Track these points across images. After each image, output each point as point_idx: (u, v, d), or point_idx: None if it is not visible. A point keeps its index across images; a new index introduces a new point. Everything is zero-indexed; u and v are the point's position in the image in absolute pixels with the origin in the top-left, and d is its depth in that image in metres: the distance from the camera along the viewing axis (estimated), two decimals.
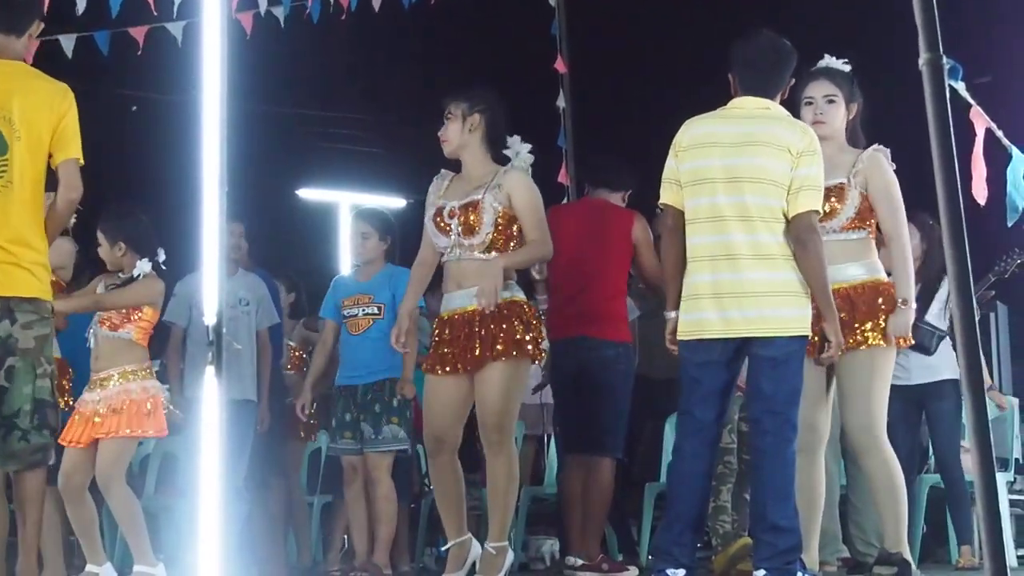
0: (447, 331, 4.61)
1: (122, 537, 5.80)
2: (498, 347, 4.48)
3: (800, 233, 4.07)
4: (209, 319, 2.56)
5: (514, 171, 4.64)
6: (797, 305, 4.08)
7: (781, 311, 4.05)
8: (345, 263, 10.36)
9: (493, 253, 4.56)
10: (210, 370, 2.54)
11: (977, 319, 7.08)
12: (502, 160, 4.75)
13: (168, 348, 6.02)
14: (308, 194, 12.89)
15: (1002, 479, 6.27)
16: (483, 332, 4.50)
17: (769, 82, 4.24)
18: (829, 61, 4.65)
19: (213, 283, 2.62)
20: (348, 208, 11.69)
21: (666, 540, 4.18)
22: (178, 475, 6.63)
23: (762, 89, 4.23)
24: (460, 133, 4.69)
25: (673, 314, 4.24)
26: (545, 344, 4.72)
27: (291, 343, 6.78)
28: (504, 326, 4.50)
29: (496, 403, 4.52)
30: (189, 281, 5.74)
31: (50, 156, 4.02)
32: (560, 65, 8.51)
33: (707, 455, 4.20)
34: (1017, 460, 6.84)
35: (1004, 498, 6.22)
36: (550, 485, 6.87)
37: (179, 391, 5.77)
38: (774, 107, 4.24)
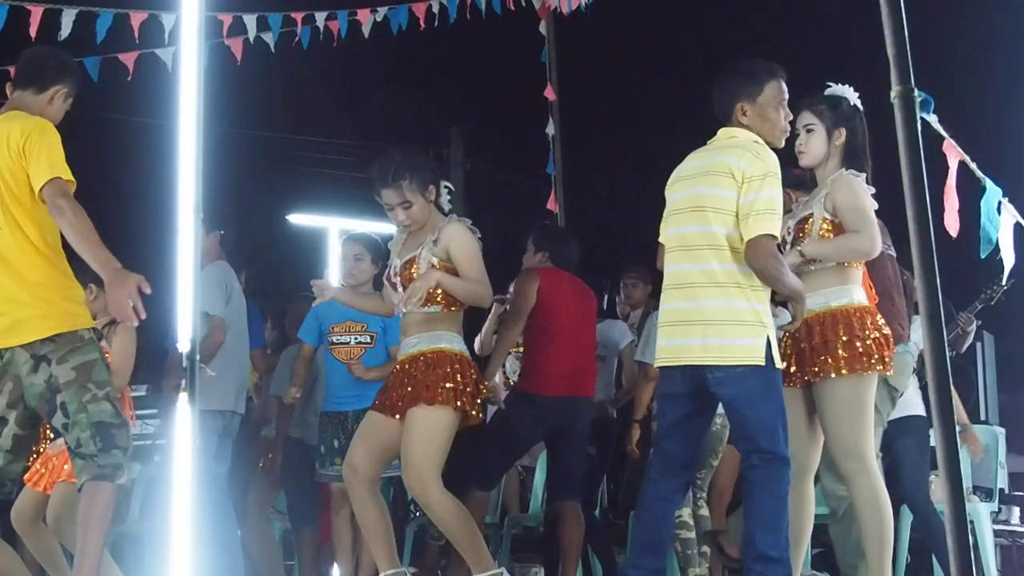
0: (391, 378, 4.68)
1: None
2: (417, 393, 4.50)
3: (751, 260, 4.07)
4: (183, 345, 2.56)
5: (451, 224, 4.64)
6: (749, 335, 4.08)
7: (732, 340, 4.07)
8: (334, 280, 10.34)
9: (433, 307, 4.58)
10: (183, 397, 2.54)
11: (965, 348, 7.06)
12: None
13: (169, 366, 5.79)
14: (298, 219, 12.92)
15: (986, 509, 6.25)
16: (407, 380, 4.55)
17: (721, 109, 4.32)
18: (834, 89, 4.63)
19: (188, 310, 2.62)
20: (337, 233, 11.72)
21: (626, 564, 4.28)
22: (163, 500, 6.59)
23: (723, 117, 4.31)
24: (424, 208, 4.68)
25: None
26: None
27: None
28: (425, 374, 4.53)
29: (411, 449, 4.49)
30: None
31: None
32: (550, 93, 8.54)
33: (669, 482, 4.24)
34: (1002, 490, 6.82)
35: (988, 528, 6.20)
36: (535, 514, 6.87)
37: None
38: (741, 134, 4.26)
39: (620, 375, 6.94)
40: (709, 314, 4.08)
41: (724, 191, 4.12)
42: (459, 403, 4.51)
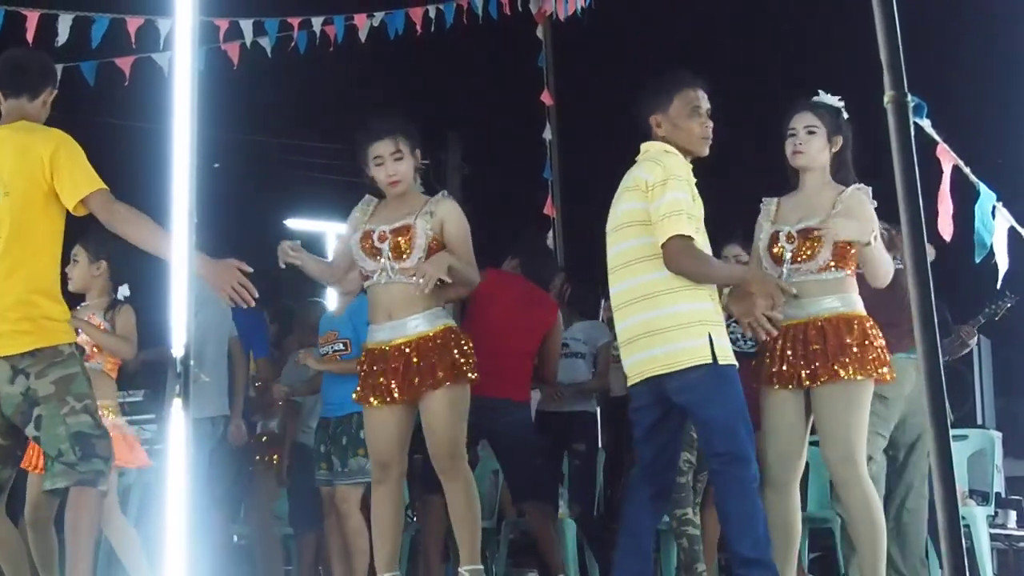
0: (378, 363, 4.60)
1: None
2: (439, 375, 4.50)
3: (669, 266, 4.10)
4: (177, 351, 2.56)
5: (447, 200, 4.67)
6: (690, 336, 4.10)
7: (676, 345, 4.09)
8: (331, 293, 10.34)
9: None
10: (177, 402, 2.54)
11: (963, 353, 7.06)
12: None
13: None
14: (296, 224, 12.94)
15: (982, 513, 6.25)
16: (421, 362, 4.52)
17: (641, 125, 4.32)
18: (822, 97, 4.63)
19: (181, 314, 2.62)
20: (335, 238, 11.75)
21: (612, 567, 4.36)
22: (159, 505, 6.58)
23: (645, 132, 4.32)
24: (411, 170, 4.68)
25: None
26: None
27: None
28: (441, 354, 4.53)
29: (444, 431, 4.54)
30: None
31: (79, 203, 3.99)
32: (546, 97, 8.57)
33: (648, 488, 4.28)
34: (998, 494, 6.82)
35: (984, 532, 6.20)
36: None
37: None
38: (653, 146, 4.29)
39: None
40: (652, 325, 4.12)
41: (636, 204, 4.17)
42: (473, 375, 4.57)
